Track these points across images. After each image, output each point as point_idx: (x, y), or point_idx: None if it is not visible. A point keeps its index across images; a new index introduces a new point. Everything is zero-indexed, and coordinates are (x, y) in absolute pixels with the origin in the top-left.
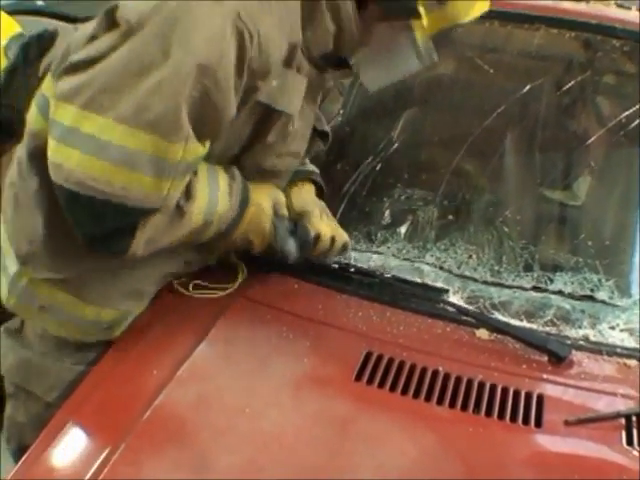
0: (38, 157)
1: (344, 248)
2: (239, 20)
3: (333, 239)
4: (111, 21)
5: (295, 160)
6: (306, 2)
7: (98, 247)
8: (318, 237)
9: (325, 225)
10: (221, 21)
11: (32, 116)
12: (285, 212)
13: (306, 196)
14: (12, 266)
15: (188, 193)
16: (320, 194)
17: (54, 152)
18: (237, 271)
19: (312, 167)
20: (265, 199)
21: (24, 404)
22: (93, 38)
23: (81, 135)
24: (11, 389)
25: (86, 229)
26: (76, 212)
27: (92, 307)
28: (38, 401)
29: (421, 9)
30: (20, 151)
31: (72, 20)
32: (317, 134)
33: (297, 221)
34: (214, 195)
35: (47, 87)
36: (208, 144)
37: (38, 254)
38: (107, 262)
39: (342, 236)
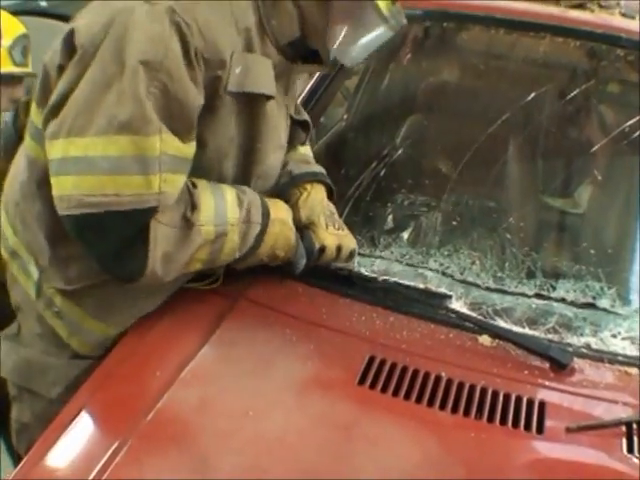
0: (38, 182)
1: (351, 256)
2: (174, 14)
3: (339, 248)
4: (71, 47)
5: (283, 152)
6: None
7: (115, 268)
8: (323, 249)
9: (331, 235)
10: (158, 20)
11: (27, 143)
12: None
13: (313, 203)
14: (34, 272)
15: (193, 204)
16: (330, 195)
17: (54, 187)
18: None
19: (319, 168)
20: (285, 213)
21: (28, 404)
22: (61, 68)
23: (70, 160)
24: (14, 391)
25: (96, 248)
26: (84, 235)
27: (98, 322)
28: (41, 399)
29: None
30: (22, 175)
31: None
32: (298, 125)
33: (302, 232)
34: (221, 205)
35: (34, 114)
36: (192, 144)
37: (47, 267)
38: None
39: (348, 245)
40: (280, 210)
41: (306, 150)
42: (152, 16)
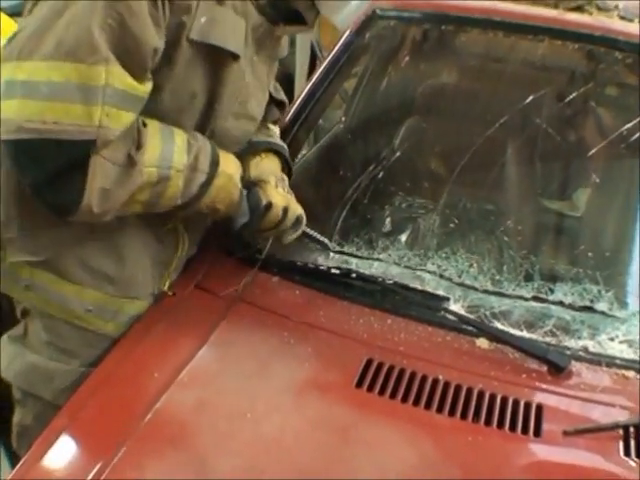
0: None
1: (298, 221)
2: None
3: (286, 210)
4: None
5: (251, 124)
6: None
7: (48, 196)
8: (270, 206)
9: (279, 195)
10: None
11: None
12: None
13: (265, 167)
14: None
15: (138, 142)
16: (287, 171)
17: (1, 110)
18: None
19: (280, 142)
20: (234, 168)
21: (32, 409)
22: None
23: (17, 84)
24: (19, 395)
25: (31, 175)
26: (20, 160)
27: (72, 285)
28: (47, 405)
29: None
30: None
31: None
32: (275, 103)
33: (250, 188)
34: (168, 149)
35: None
36: (147, 84)
37: (14, 239)
38: (84, 240)
39: (296, 209)
40: (229, 163)
41: (275, 128)
42: None
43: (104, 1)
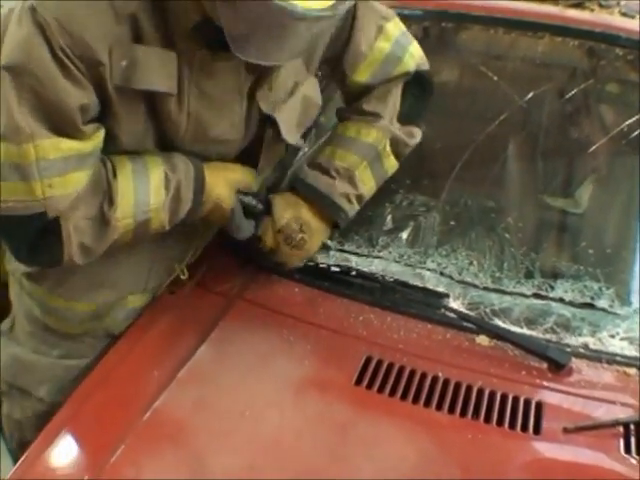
0: None
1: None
2: (35, 13)
3: (272, 252)
4: None
5: (225, 147)
6: None
7: (30, 261)
8: (259, 240)
9: (271, 238)
10: (23, 21)
11: None
12: (252, 189)
13: (288, 206)
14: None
15: (110, 198)
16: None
17: None
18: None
19: (323, 187)
20: (224, 191)
21: (18, 401)
22: None
23: None
24: (5, 387)
25: (8, 244)
26: None
27: (63, 301)
28: (29, 397)
29: None
30: None
31: None
32: (269, 121)
33: (257, 216)
34: (143, 193)
35: None
36: (91, 140)
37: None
38: None
39: (282, 258)
40: (219, 187)
41: (357, 147)
42: (18, 18)
43: (13, 80)
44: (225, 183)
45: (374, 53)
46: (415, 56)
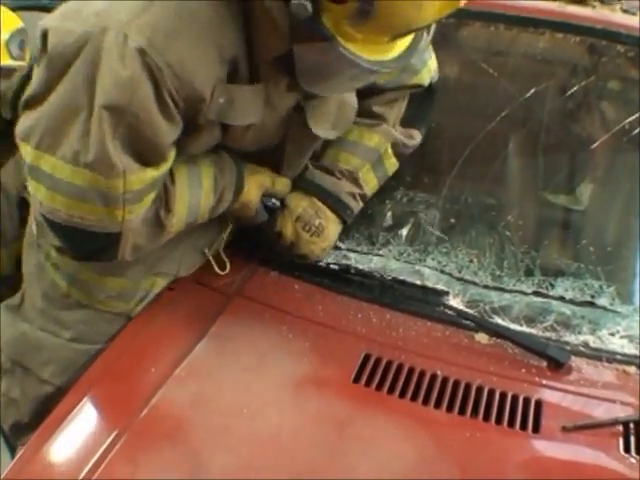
0: None
1: (301, 257)
2: (146, 57)
3: (292, 244)
4: (44, 45)
5: (273, 140)
6: (242, 3)
7: (86, 259)
8: (280, 234)
9: (291, 228)
10: (129, 64)
11: None
12: (280, 195)
13: (300, 201)
14: (34, 227)
15: (167, 206)
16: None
17: (29, 184)
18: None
19: (339, 189)
20: (254, 195)
21: (19, 380)
22: (36, 60)
23: (41, 172)
24: (7, 364)
25: (69, 250)
26: (57, 234)
27: (95, 275)
28: (32, 377)
29: (342, 31)
30: None
31: None
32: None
33: (273, 211)
34: (195, 198)
35: None
36: (166, 164)
37: (41, 223)
38: None
39: (302, 248)
40: (252, 191)
41: (360, 150)
42: (123, 58)
43: (111, 118)
44: (257, 188)
45: None
46: (431, 70)
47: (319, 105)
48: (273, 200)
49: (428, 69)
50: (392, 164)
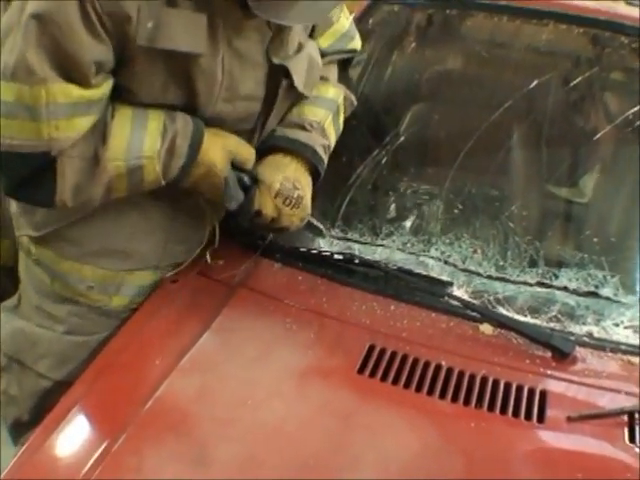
0: None
1: (280, 230)
2: None
3: (273, 220)
4: None
5: (252, 103)
6: None
7: (21, 197)
8: (259, 213)
9: (271, 205)
10: None
11: None
12: (248, 165)
13: (274, 167)
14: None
15: (104, 138)
16: (312, 171)
17: None
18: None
19: (306, 137)
20: (218, 156)
21: (17, 376)
22: None
23: None
24: (5, 361)
25: (4, 178)
26: None
27: (70, 263)
28: (29, 372)
29: None
30: None
31: None
32: (282, 73)
33: (248, 189)
34: (137, 137)
35: None
36: (99, 88)
37: (16, 213)
38: (79, 218)
39: (285, 222)
40: (214, 150)
41: (332, 92)
42: None
43: (36, 27)
44: (221, 149)
45: (338, 25)
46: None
47: (297, 63)
48: (245, 177)
49: (358, 36)
50: (342, 121)
